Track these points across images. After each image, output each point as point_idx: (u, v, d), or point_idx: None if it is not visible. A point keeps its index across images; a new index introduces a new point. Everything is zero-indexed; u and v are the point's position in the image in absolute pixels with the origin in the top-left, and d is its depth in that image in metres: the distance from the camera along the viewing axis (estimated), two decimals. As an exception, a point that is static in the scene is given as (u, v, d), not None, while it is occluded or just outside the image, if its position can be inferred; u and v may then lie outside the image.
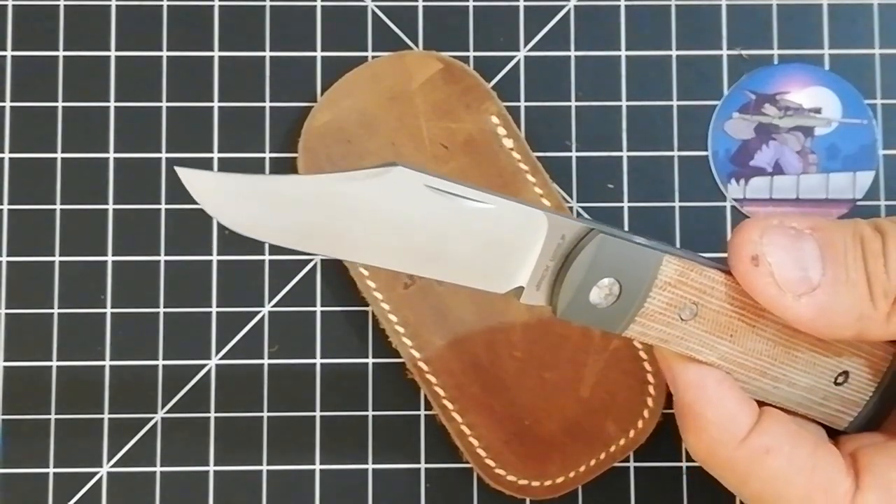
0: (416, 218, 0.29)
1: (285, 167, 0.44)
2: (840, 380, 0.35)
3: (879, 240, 0.33)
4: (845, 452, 0.35)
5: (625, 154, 0.44)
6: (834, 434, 0.37)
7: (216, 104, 0.45)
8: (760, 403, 0.36)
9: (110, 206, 0.44)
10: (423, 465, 0.44)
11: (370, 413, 0.44)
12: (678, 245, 0.44)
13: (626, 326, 0.31)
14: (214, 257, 0.44)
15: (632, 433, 0.43)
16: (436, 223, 0.29)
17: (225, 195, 0.28)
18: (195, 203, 0.44)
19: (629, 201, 0.44)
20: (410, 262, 0.30)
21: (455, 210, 0.29)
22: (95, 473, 0.43)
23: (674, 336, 0.32)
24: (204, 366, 0.44)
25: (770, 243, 0.33)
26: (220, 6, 0.45)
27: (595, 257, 0.30)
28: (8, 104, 0.45)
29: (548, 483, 0.43)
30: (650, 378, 0.43)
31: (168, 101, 0.45)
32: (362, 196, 0.28)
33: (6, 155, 0.45)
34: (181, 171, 0.28)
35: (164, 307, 0.44)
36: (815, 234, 0.33)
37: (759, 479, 0.33)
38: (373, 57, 0.45)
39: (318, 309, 0.44)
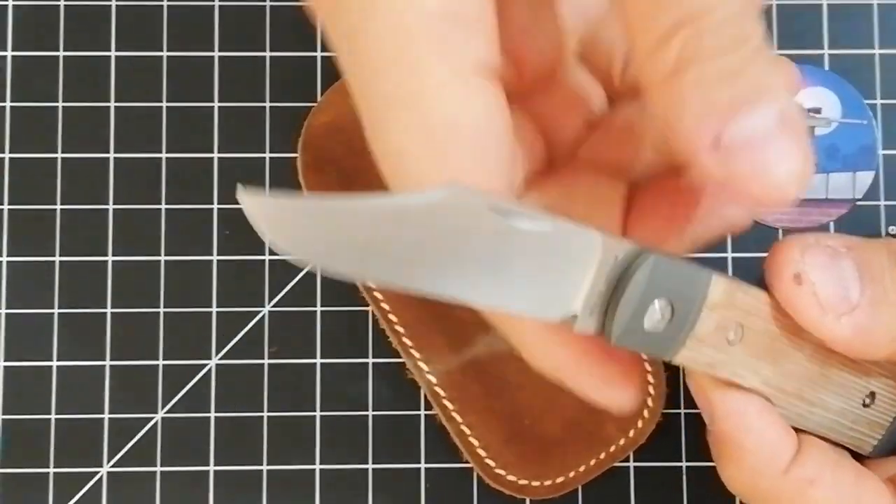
0: (473, 241, 0.27)
1: (285, 167, 0.44)
2: (867, 401, 0.35)
3: None
4: (883, 478, 0.34)
5: (625, 154, 0.44)
6: (859, 459, 0.37)
7: (216, 104, 0.45)
8: (796, 431, 0.35)
9: (110, 206, 0.44)
10: (423, 465, 0.44)
11: (370, 413, 0.44)
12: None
13: (676, 351, 0.31)
14: (214, 257, 0.44)
15: (632, 433, 0.43)
16: (493, 246, 0.27)
17: (287, 221, 0.26)
18: (195, 203, 0.44)
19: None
20: (468, 289, 0.28)
21: (511, 232, 0.27)
22: (95, 473, 0.43)
23: (721, 361, 0.32)
24: (204, 366, 0.44)
25: (811, 262, 0.32)
26: (220, 6, 0.45)
27: (649, 278, 0.29)
28: (8, 104, 0.45)
29: (548, 483, 0.43)
30: (650, 378, 0.43)
31: (168, 101, 0.45)
32: (419, 216, 0.26)
33: (6, 155, 0.45)
34: (243, 198, 0.26)
35: (164, 307, 0.44)
36: (851, 252, 0.33)
37: None
38: (373, 57, 0.45)
39: (318, 309, 0.44)
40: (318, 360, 0.44)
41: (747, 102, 0.27)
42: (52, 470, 0.43)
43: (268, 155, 0.45)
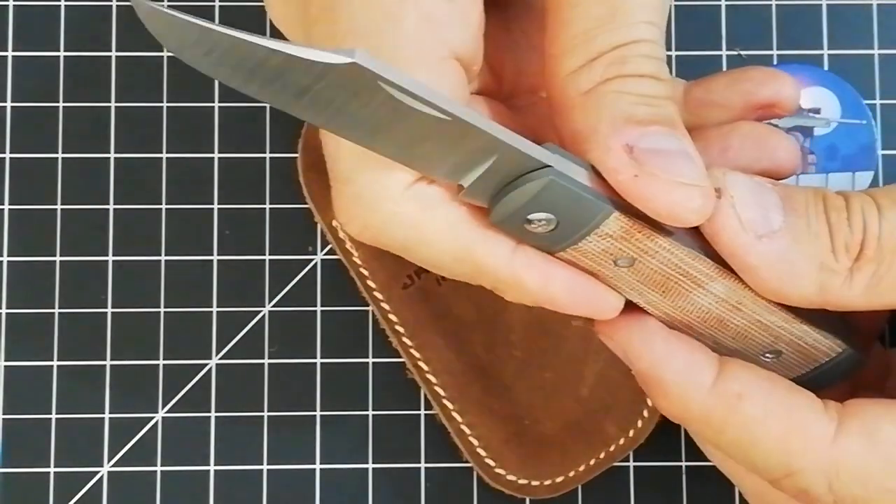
0: (372, 112, 0.28)
1: (285, 167, 0.44)
2: (770, 357, 0.35)
3: (842, 198, 0.33)
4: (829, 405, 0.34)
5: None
6: None
7: (216, 104, 0.45)
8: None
9: (110, 206, 0.44)
10: (423, 465, 0.44)
11: (370, 413, 0.44)
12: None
13: (556, 252, 0.32)
14: (214, 257, 0.44)
15: (631, 433, 0.43)
16: (391, 120, 0.28)
17: (183, 40, 0.27)
18: (195, 203, 0.44)
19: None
20: (365, 140, 0.29)
21: (411, 112, 0.28)
22: (96, 473, 0.43)
23: (604, 275, 0.32)
24: (204, 365, 0.44)
25: (734, 180, 0.33)
26: (220, 6, 0.45)
27: (538, 193, 0.30)
28: (9, 104, 0.45)
29: (547, 482, 0.43)
30: (650, 378, 0.43)
31: (168, 101, 0.45)
32: (315, 79, 0.27)
33: (7, 155, 0.45)
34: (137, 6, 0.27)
35: (164, 307, 0.44)
36: (776, 187, 0.33)
37: (734, 425, 0.33)
38: (373, 57, 0.45)
39: (318, 309, 0.44)
40: (318, 360, 0.44)
41: (660, 124, 0.31)
42: (52, 470, 0.43)
43: (268, 155, 0.45)
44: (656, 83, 0.32)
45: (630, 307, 0.34)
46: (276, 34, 0.45)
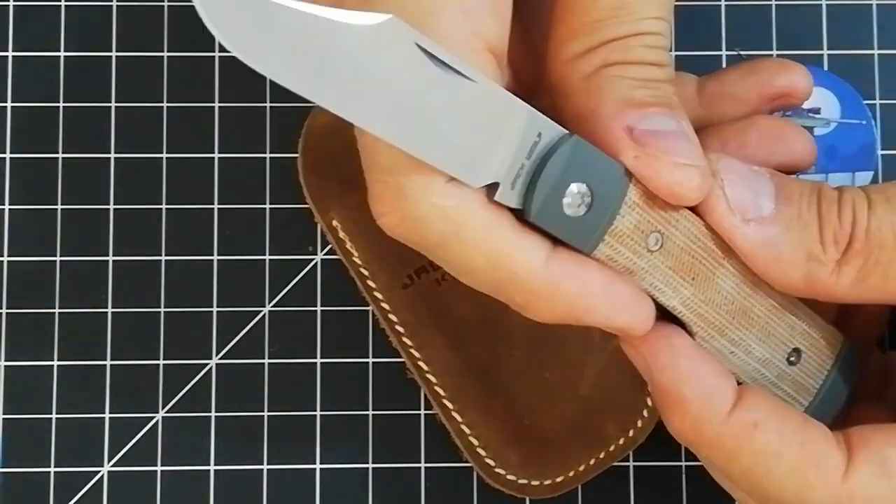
0: (403, 78, 0.28)
1: (285, 167, 0.44)
2: (793, 358, 0.35)
3: (836, 191, 0.34)
4: (837, 433, 0.34)
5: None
6: None
7: (216, 104, 0.45)
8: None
9: (110, 206, 0.44)
10: (423, 465, 0.44)
11: (370, 413, 0.44)
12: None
13: (596, 244, 0.32)
14: (214, 257, 0.44)
15: (631, 432, 0.43)
16: (422, 88, 0.28)
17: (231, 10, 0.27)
18: (195, 203, 0.44)
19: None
20: (393, 127, 0.29)
21: (442, 79, 0.29)
22: (96, 473, 0.43)
23: (640, 268, 0.32)
24: (204, 365, 0.44)
25: (727, 164, 0.33)
26: (221, 6, 0.45)
27: (570, 160, 0.30)
28: (9, 104, 0.45)
29: (547, 482, 0.43)
30: (650, 378, 0.43)
31: (168, 101, 0.45)
32: (350, 40, 0.27)
33: (7, 155, 0.45)
34: None
35: (164, 307, 0.44)
36: (772, 176, 0.34)
37: (748, 453, 0.33)
38: (373, 57, 0.45)
39: (318, 309, 0.44)
40: (318, 360, 0.44)
41: (659, 106, 0.32)
42: (52, 469, 0.43)
43: (268, 155, 0.45)
44: (657, 70, 0.32)
45: (658, 323, 0.34)
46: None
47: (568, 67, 0.33)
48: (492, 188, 0.31)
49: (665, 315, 0.34)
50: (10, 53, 0.45)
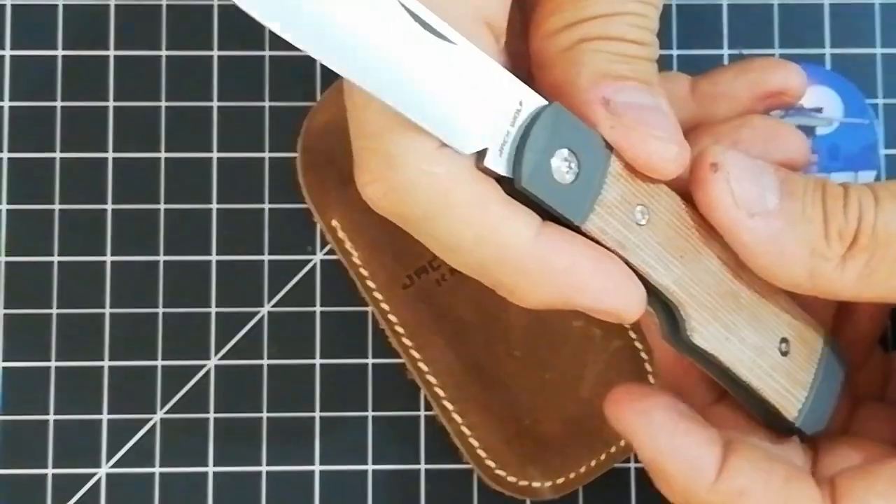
0: (389, 33, 0.28)
1: (285, 167, 0.44)
2: (784, 347, 0.35)
3: (842, 188, 0.34)
4: (824, 477, 0.35)
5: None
6: (812, 445, 0.37)
7: (216, 104, 0.45)
8: (723, 396, 0.36)
9: (110, 206, 0.44)
10: (423, 466, 0.44)
11: (370, 413, 0.44)
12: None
13: (586, 215, 0.31)
14: (214, 257, 0.44)
15: (632, 434, 0.43)
16: (409, 48, 0.29)
17: None
18: (195, 203, 0.44)
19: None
20: (380, 83, 0.29)
21: (425, 38, 0.29)
22: (95, 474, 0.43)
23: (631, 242, 0.32)
24: (204, 366, 0.44)
25: (733, 157, 0.33)
26: (220, 6, 0.45)
27: (553, 126, 0.31)
28: (7, 104, 0.45)
29: (548, 484, 0.43)
30: (650, 378, 0.43)
31: (168, 101, 0.45)
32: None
33: (5, 155, 0.45)
34: None
35: (164, 307, 0.44)
36: (777, 170, 0.34)
37: None
38: (372, 56, 0.45)
39: (318, 309, 0.44)
40: (318, 360, 0.44)
41: (637, 81, 0.32)
42: (50, 471, 0.43)
43: (267, 155, 0.45)
44: (638, 47, 0.32)
45: (638, 390, 0.35)
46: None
47: (547, 41, 0.33)
48: (480, 158, 0.30)
49: (657, 302, 0.34)
50: (7, 52, 0.45)
